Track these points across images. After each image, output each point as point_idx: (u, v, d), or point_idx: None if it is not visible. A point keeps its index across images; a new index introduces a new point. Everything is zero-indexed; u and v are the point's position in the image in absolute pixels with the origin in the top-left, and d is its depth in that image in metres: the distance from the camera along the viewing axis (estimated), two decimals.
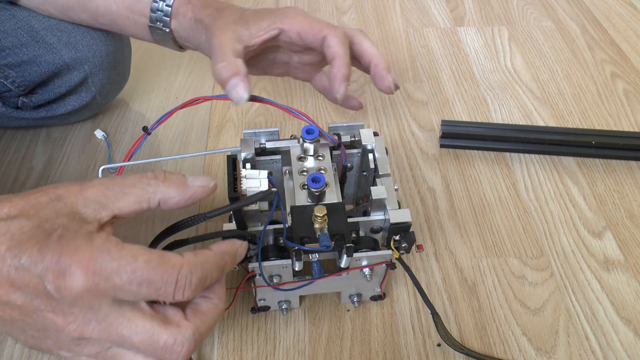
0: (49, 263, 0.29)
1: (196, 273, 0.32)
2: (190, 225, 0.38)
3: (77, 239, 0.30)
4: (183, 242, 0.38)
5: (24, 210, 0.31)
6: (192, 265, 0.32)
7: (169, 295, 0.31)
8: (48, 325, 0.31)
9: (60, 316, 0.31)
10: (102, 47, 0.61)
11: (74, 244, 0.30)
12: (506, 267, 0.55)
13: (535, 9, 0.93)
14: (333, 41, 0.52)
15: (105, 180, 0.34)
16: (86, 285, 0.29)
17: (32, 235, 0.30)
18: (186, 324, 0.32)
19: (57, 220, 0.31)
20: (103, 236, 0.31)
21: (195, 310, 0.34)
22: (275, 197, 0.41)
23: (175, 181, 0.35)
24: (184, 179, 0.35)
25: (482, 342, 0.49)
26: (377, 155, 0.47)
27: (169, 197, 0.35)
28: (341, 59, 0.52)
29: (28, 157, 0.65)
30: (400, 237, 0.44)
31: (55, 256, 0.29)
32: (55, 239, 0.30)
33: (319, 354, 0.48)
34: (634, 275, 0.54)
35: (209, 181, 0.36)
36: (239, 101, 0.48)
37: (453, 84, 0.77)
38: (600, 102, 0.74)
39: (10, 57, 0.58)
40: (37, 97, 0.63)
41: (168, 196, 0.35)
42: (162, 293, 0.31)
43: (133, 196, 0.34)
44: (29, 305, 0.31)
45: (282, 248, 0.44)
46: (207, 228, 0.57)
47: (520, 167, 0.65)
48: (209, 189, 0.36)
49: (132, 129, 0.69)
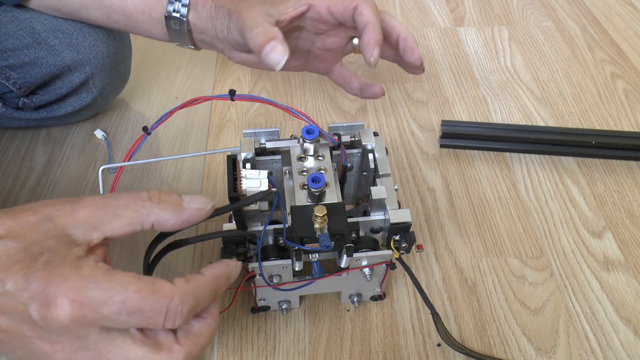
0: (35, 292, 0.28)
1: (187, 302, 0.31)
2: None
3: (65, 267, 0.29)
4: (183, 242, 0.38)
5: (12, 231, 0.30)
6: (184, 294, 0.31)
7: (159, 325, 0.30)
8: (35, 350, 0.31)
9: (47, 344, 0.30)
10: (103, 48, 0.61)
11: (60, 272, 0.29)
12: (506, 267, 0.55)
13: (535, 9, 0.93)
14: (365, 9, 0.52)
15: (97, 200, 0.33)
16: (73, 317, 0.28)
17: (18, 259, 0.29)
18: (178, 349, 0.32)
19: (46, 243, 0.30)
20: (91, 263, 0.30)
21: (188, 332, 0.33)
22: (275, 197, 0.41)
23: (170, 203, 0.34)
24: (179, 201, 0.34)
25: (482, 342, 0.49)
26: (377, 155, 0.47)
27: (163, 219, 0.34)
28: (374, 25, 0.52)
29: (28, 157, 0.65)
30: (400, 237, 0.44)
31: (41, 285, 0.28)
32: (41, 264, 0.29)
33: (319, 354, 0.48)
34: (634, 275, 0.54)
35: (206, 203, 0.35)
36: (276, 65, 0.47)
37: (453, 84, 0.77)
38: (600, 102, 0.74)
39: (12, 59, 0.58)
40: (38, 98, 0.63)
41: (162, 219, 0.34)
42: (152, 322, 0.30)
43: (126, 218, 0.33)
44: (15, 330, 0.30)
45: (282, 248, 0.44)
46: (206, 228, 0.57)
47: (520, 167, 0.65)
48: (205, 212, 0.35)
49: (132, 129, 0.69)
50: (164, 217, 0.33)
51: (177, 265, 0.54)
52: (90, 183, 0.62)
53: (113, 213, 0.32)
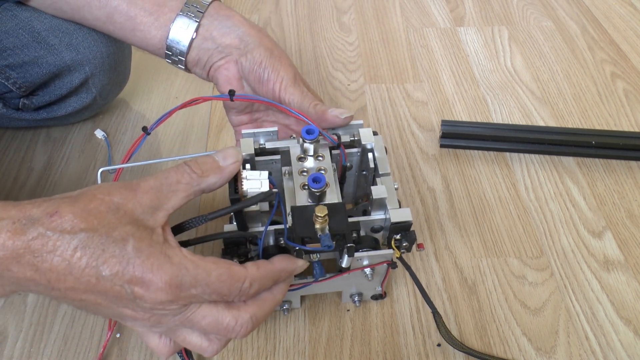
0: (132, 277, 0.32)
1: (254, 286, 0.37)
2: (192, 227, 0.38)
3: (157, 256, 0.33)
4: (184, 244, 0.38)
5: (88, 223, 0.32)
6: (253, 279, 0.36)
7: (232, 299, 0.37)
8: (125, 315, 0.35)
9: (139, 313, 0.34)
10: (102, 48, 0.61)
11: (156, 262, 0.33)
12: (506, 267, 0.55)
13: (535, 9, 0.93)
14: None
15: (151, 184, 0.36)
16: (168, 297, 0.33)
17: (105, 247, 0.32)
18: (245, 308, 0.37)
19: (124, 229, 0.33)
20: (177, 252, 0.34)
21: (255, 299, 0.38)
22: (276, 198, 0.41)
23: (211, 169, 0.38)
24: (217, 164, 0.38)
25: (482, 342, 0.49)
26: (377, 154, 0.47)
27: (211, 183, 0.38)
28: None
29: (28, 157, 0.65)
30: (401, 236, 0.44)
31: (138, 272, 0.32)
32: (132, 251, 0.32)
33: (319, 354, 0.48)
34: (634, 275, 0.54)
35: (237, 155, 0.39)
36: None
37: (453, 84, 0.77)
38: (600, 102, 0.74)
39: (12, 58, 0.58)
40: (38, 98, 0.63)
41: (210, 183, 0.38)
42: (226, 298, 0.36)
43: (181, 192, 0.37)
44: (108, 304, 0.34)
45: (283, 248, 0.44)
46: (207, 229, 0.57)
47: (520, 167, 0.65)
48: (239, 163, 0.39)
49: (132, 129, 0.69)
50: (211, 181, 0.38)
51: None
52: (90, 183, 0.62)
53: (169, 191, 0.36)
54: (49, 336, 0.49)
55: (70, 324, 0.50)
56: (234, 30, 0.52)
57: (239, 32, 0.52)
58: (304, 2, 0.95)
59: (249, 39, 0.52)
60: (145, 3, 0.53)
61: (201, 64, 0.54)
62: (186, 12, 0.52)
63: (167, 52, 0.54)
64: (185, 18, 0.51)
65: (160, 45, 0.54)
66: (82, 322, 0.50)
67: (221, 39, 0.52)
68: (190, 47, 0.53)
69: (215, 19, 0.52)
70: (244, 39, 0.52)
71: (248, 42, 0.52)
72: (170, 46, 0.53)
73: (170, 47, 0.53)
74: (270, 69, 0.51)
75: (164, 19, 0.52)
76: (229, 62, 0.53)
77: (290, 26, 0.89)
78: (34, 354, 0.48)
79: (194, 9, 0.52)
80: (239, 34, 0.52)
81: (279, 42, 0.85)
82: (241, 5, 0.94)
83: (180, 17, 0.51)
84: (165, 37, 0.53)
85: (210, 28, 0.52)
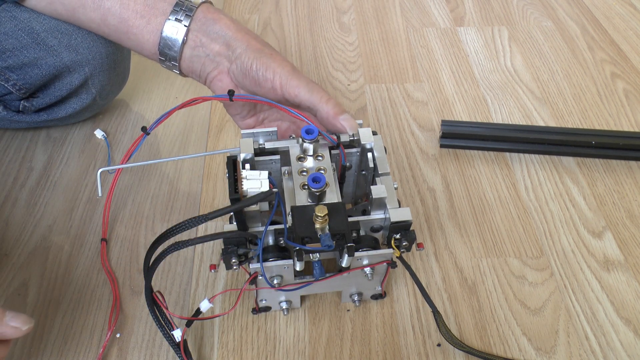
0: None
1: None
2: (191, 226, 0.38)
3: None
4: (184, 244, 0.38)
5: None
6: None
7: None
8: None
9: None
10: (102, 48, 0.61)
11: None
12: (506, 267, 0.55)
13: (535, 9, 0.93)
14: None
15: None
16: None
17: None
18: None
19: None
20: None
21: None
22: (276, 198, 0.41)
23: None
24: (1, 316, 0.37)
25: (482, 342, 0.49)
26: (376, 154, 0.47)
27: None
28: None
29: (28, 157, 0.65)
30: (401, 235, 0.44)
31: None
32: None
33: (319, 354, 0.48)
34: (634, 275, 0.54)
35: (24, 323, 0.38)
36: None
37: (453, 84, 0.77)
38: (600, 102, 0.74)
39: (11, 60, 0.58)
40: (38, 100, 0.63)
41: None
42: None
43: None
44: None
45: (283, 248, 0.44)
46: (207, 229, 0.57)
47: (520, 167, 0.65)
48: (21, 332, 0.38)
49: (132, 129, 0.69)
50: None
51: (177, 265, 0.54)
52: (90, 183, 0.62)
53: None
54: (49, 336, 0.49)
55: (70, 324, 0.50)
56: (221, 36, 0.52)
57: (225, 37, 0.51)
58: (304, 2, 0.95)
59: (236, 44, 0.51)
60: (136, 5, 0.52)
61: (196, 73, 0.54)
62: (175, 17, 0.51)
63: (161, 58, 0.54)
64: (175, 22, 0.51)
65: (154, 50, 0.54)
66: (82, 322, 0.50)
67: (210, 45, 0.52)
68: (181, 54, 0.52)
69: (204, 24, 0.52)
70: (231, 44, 0.51)
71: (235, 47, 0.51)
72: (163, 52, 0.53)
73: (163, 53, 0.53)
74: (264, 68, 0.50)
75: (155, 22, 0.52)
76: (221, 74, 0.53)
77: (290, 26, 0.89)
78: (34, 353, 0.48)
79: (183, 12, 0.51)
80: (225, 40, 0.51)
81: (279, 42, 0.85)
82: (241, 5, 0.94)
83: (169, 21, 0.51)
84: (157, 42, 0.53)
85: (199, 34, 0.52)
